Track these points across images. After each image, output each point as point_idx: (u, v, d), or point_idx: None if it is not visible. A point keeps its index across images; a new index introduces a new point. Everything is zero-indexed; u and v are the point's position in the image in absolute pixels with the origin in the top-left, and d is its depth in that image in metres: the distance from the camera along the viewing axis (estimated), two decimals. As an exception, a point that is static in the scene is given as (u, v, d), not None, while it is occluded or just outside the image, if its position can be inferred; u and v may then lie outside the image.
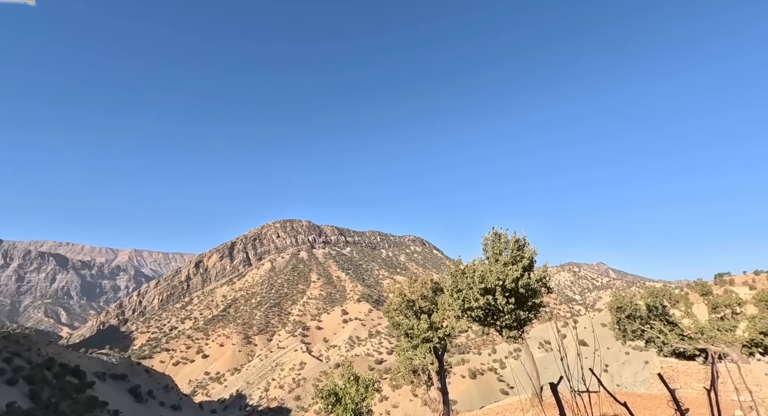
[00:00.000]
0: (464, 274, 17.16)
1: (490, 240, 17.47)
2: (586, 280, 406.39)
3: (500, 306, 16.55)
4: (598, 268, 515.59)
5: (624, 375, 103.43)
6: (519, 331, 18.66)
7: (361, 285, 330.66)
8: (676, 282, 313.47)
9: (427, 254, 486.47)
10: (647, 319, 26.96)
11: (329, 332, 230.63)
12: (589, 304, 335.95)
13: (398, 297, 23.89)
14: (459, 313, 18.92)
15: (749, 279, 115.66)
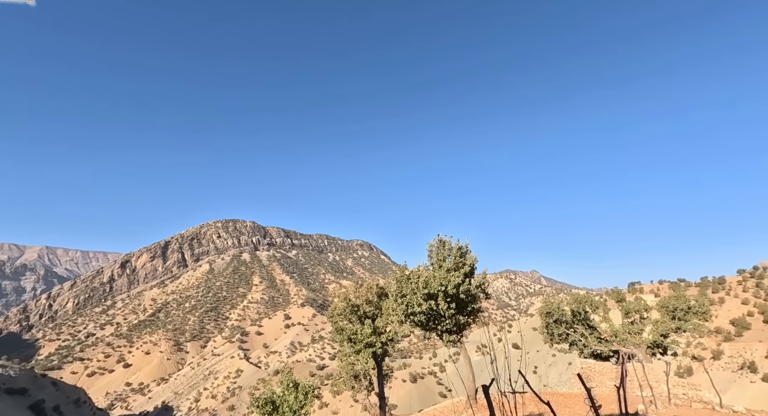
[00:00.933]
0: (409, 280, 17.49)
1: (435, 247, 18.02)
2: (521, 287, 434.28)
3: (442, 311, 17.08)
4: (532, 276, 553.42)
5: (551, 376, 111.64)
6: (458, 335, 19.39)
7: (306, 289, 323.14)
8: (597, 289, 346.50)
9: (374, 259, 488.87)
10: (572, 323, 29.43)
11: (270, 337, 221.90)
12: (522, 309, 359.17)
13: (343, 302, 23.68)
14: (402, 318, 19.22)
15: (655, 288, 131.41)
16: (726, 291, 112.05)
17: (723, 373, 73.71)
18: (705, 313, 26.42)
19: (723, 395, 61.74)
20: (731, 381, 70.19)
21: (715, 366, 77.29)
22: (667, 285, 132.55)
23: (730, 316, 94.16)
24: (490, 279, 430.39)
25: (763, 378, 67.12)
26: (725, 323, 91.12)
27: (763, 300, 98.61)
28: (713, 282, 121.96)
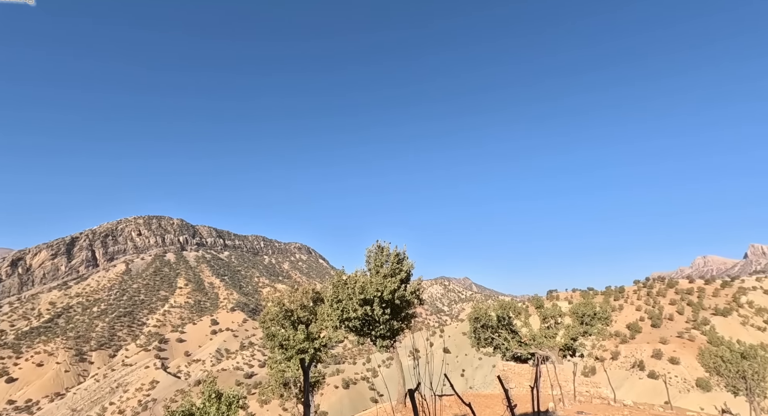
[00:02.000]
0: (346, 285, 17.42)
1: (373, 253, 18.20)
2: (453, 293, 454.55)
3: (377, 316, 17.24)
4: (464, 282, 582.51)
5: (476, 378, 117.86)
6: (392, 341, 19.69)
7: (238, 292, 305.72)
8: (521, 296, 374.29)
9: (312, 263, 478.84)
10: (497, 328, 31.46)
11: (193, 345, 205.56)
12: (454, 315, 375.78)
13: (276, 307, 22.82)
14: (337, 323, 19.04)
15: (569, 295, 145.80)
16: (624, 299, 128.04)
17: (619, 371, 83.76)
18: (607, 319, 29.89)
19: (617, 391, 70.06)
20: (625, 378, 79.97)
21: (614, 365, 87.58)
22: (579, 293, 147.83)
23: (627, 321, 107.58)
24: (426, 286, 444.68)
25: (649, 374, 77.52)
26: (623, 327, 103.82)
27: (652, 307, 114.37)
28: (615, 291, 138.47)
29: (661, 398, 65.57)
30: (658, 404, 30.37)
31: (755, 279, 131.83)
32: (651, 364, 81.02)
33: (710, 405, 59.49)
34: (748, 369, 28.17)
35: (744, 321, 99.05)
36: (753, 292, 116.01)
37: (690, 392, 70.03)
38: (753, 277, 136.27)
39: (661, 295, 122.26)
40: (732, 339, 54.60)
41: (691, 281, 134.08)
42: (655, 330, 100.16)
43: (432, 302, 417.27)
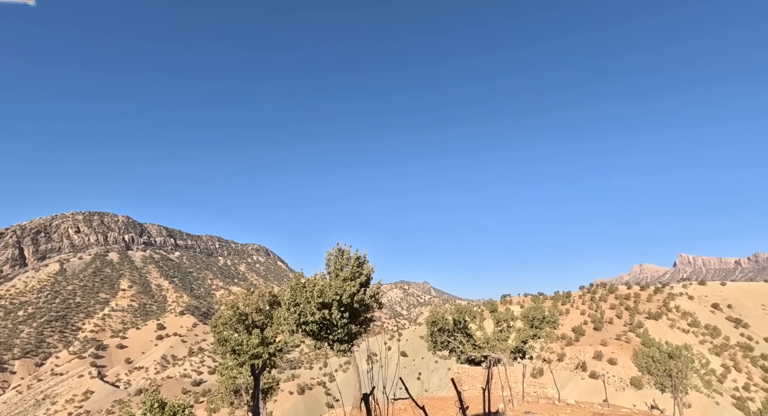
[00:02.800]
0: (304, 288, 17.10)
1: (334, 256, 18.03)
2: (413, 297, 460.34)
3: (335, 320, 17.06)
4: (424, 287, 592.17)
5: (432, 381, 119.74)
6: (349, 345, 19.55)
7: (189, 295, 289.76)
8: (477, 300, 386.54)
9: (270, 265, 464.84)
10: (453, 332, 32.26)
11: (136, 351, 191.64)
12: (413, 319, 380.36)
13: (230, 310, 21.88)
14: (294, 327, 18.61)
15: (521, 300, 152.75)
16: (571, 303, 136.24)
17: (564, 372, 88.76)
18: (555, 322, 31.66)
19: (562, 391, 74.14)
20: (569, 378, 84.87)
21: (559, 366, 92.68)
22: (530, 297, 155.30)
23: (573, 324, 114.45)
24: (385, 290, 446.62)
25: (590, 375, 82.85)
26: (569, 330, 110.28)
27: (595, 312, 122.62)
28: (563, 296, 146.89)
29: (600, 396, 70.28)
30: (597, 402, 32.50)
31: (682, 285, 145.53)
32: (592, 365, 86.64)
33: (642, 401, 64.60)
34: (674, 368, 30.98)
35: (672, 324, 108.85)
36: (680, 298, 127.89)
37: (625, 390, 75.65)
38: (680, 284, 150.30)
39: (603, 300, 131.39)
40: (661, 340, 59.86)
41: (628, 287, 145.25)
42: (597, 333, 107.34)
43: (391, 306, 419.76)
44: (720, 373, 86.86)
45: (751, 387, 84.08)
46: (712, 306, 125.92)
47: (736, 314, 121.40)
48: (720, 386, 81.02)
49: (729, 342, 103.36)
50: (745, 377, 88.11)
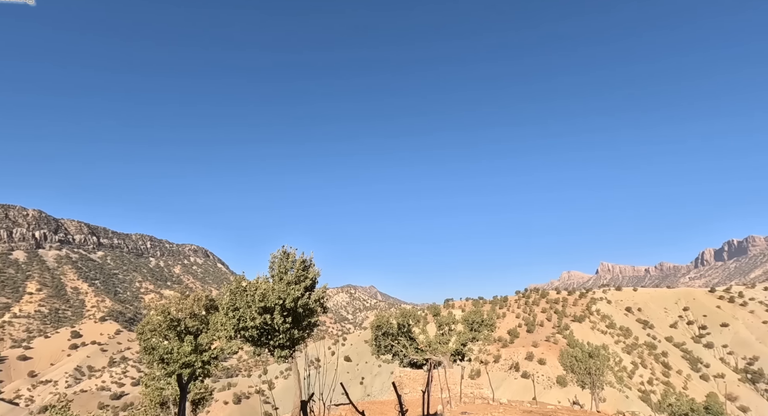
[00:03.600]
0: (245, 292, 16.33)
1: (278, 259, 17.47)
2: (359, 301, 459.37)
3: (277, 325, 16.49)
4: (370, 291, 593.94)
5: (374, 386, 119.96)
6: (291, 350, 18.99)
7: (112, 299, 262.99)
8: (422, 304, 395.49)
9: (209, 267, 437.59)
10: (396, 336, 32.68)
11: (43, 363, 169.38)
12: (358, 323, 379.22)
13: (160, 316, 20.20)
14: (232, 333, 17.67)
15: (463, 304, 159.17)
16: (507, 307, 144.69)
17: (499, 373, 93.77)
18: (492, 325, 33.40)
19: (497, 391, 78.22)
20: (503, 378, 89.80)
21: (495, 367, 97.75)
22: (471, 301, 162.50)
23: (508, 327, 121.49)
24: (331, 294, 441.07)
25: (522, 374, 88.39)
26: (505, 333, 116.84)
27: (528, 315, 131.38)
28: (500, 300, 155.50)
29: (530, 395, 75.13)
30: (527, 400, 34.67)
31: (602, 291, 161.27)
32: (524, 365, 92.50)
33: (565, 398, 70.17)
34: (593, 366, 34.17)
35: (593, 326, 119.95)
36: (600, 302, 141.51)
37: (552, 388, 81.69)
38: (601, 290, 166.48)
39: (536, 304, 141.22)
40: (584, 341, 65.66)
41: (558, 292, 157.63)
42: (529, 335, 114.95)
43: (337, 310, 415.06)
44: (630, 370, 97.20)
45: (654, 381, 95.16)
46: (625, 309, 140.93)
47: (644, 316, 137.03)
48: (629, 381, 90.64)
49: (638, 341, 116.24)
50: (649, 372, 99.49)
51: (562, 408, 24.15)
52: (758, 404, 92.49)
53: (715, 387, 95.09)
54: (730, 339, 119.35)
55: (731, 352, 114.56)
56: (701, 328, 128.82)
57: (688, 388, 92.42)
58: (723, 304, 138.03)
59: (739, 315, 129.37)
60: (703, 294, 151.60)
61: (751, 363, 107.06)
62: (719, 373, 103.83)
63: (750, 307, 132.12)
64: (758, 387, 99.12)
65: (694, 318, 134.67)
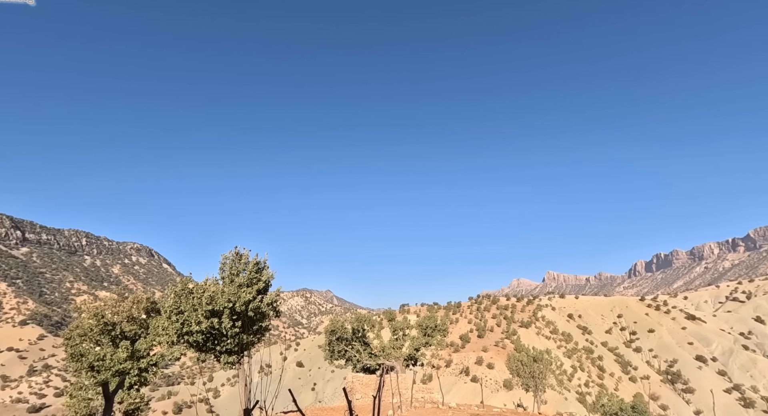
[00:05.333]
0: (191, 294, 15.41)
1: (230, 260, 16.70)
2: (314, 306, 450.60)
3: (225, 329, 15.71)
4: (326, 295, 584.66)
5: (326, 392, 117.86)
6: (239, 356, 18.15)
7: (36, 301, 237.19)
8: (378, 309, 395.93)
9: (154, 268, 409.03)
10: (351, 340, 32.40)
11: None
12: (313, 328, 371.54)
13: (92, 319, 18.53)
14: (175, 338, 16.57)
15: (418, 309, 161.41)
16: (460, 313, 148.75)
17: (450, 377, 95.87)
18: (445, 330, 34.14)
19: (447, 395, 79.90)
20: (454, 383, 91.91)
21: (447, 372, 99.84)
22: (426, 307, 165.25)
23: (460, 332, 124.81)
24: (286, 297, 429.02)
25: (472, 379, 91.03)
26: (457, 338, 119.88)
27: (479, 320, 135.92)
28: (454, 306, 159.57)
29: (478, 398, 77.51)
30: (475, 404, 35.69)
31: (548, 298, 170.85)
32: (474, 370, 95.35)
33: (511, 401, 73.15)
34: (537, 370, 35.97)
35: (538, 332, 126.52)
36: (545, 309, 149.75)
37: (499, 391, 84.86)
38: (546, 297, 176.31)
39: (487, 310, 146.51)
40: (529, 346, 68.99)
41: (507, 299, 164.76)
42: (480, 340, 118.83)
43: (291, 314, 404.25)
44: (570, 373, 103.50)
45: (590, 383, 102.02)
46: (568, 316, 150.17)
47: (584, 322, 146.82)
48: (569, 383, 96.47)
49: (578, 346, 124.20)
50: (586, 375, 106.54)
51: (507, 411, 25.16)
52: (675, 402, 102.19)
53: (642, 388, 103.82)
54: (655, 344, 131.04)
55: (656, 356, 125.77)
56: (632, 334, 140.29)
57: (619, 389, 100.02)
58: (650, 312, 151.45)
59: (663, 321, 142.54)
60: (635, 302, 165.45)
61: (671, 366, 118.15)
62: (645, 375, 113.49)
63: (672, 314, 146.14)
64: (676, 387, 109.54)
65: (626, 325, 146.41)
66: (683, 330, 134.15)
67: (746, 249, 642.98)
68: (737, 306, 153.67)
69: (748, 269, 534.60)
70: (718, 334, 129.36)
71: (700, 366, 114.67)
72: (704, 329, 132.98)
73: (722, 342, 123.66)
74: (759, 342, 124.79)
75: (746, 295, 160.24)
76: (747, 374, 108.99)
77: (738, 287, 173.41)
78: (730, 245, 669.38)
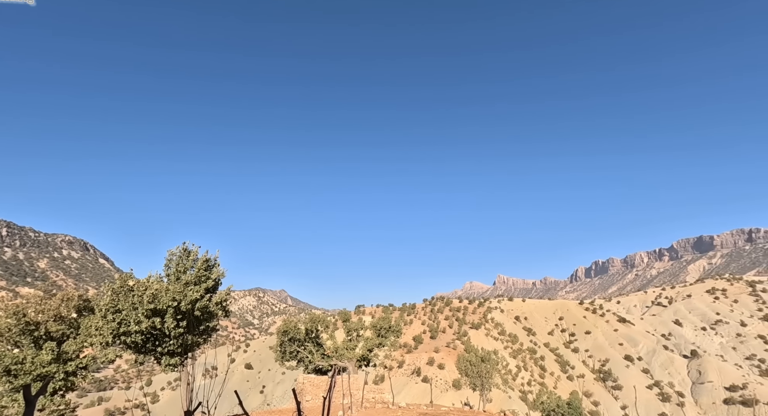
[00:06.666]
0: (131, 292, 14.36)
1: (177, 256, 15.76)
2: (267, 305, 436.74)
3: (167, 329, 14.79)
4: (280, 295, 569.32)
5: (276, 394, 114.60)
6: (182, 358, 17.17)
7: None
8: (333, 310, 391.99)
9: (88, 263, 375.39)
10: (303, 341, 31.80)
11: None
12: (265, 329, 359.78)
13: (11, 318, 16.67)
14: (110, 339, 15.33)
15: (373, 310, 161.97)
16: (415, 314, 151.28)
17: (402, 378, 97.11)
18: (399, 332, 34.54)
19: (398, 395, 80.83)
20: (405, 383, 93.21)
21: (399, 372, 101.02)
22: (382, 308, 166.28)
23: (414, 333, 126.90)
24: (237, 297, 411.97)
25: (423, 379, 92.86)
26: (410, 339, 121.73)
27: (432, 322, 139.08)
28: (409, 307, 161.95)
29: (428, 398, 79.19)
30: (424, 403, 36.44)
31: (497, 301, 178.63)
32: (425, 370, 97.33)
33: (459, 400, 75.49)
34: (484, 370, 37.46)
35: (487, 333, 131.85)
36: (495, 311, 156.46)
37: (448, 391, 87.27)
38: (496, 300, 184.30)
39: (440, 312, 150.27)
40: (478, 347, 71.73)
41: (460, 301, 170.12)
42: (432, 341, 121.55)
43: (242, 314, 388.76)
44: (514, 372, 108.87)
45: (532, 382, 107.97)
46: (515, 318, 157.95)
47: (529, 324, 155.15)
48: (513, 382, 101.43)
49: (523, 347, 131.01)
50: (529, 375, 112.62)
51: (454, 410, 25.97)
52: (606, 398, 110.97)
53: (578, 386, 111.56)
54: (591, 345, 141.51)
55: (591, 355, 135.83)
56: (571, 335, 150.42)
57: (557, 387, 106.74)
58: (588, 315, 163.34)
59: (598, 324, 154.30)
60: (575, 305, 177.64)
61: (604, 365, 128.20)
62: (581, 374, 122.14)
63: (606, 317, 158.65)
64: (607, 385, 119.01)
65: (567, 327, 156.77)
66: (615, 332, 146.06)
67: (670, 258, 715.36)
68: (660, 311, 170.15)
69: (671, 277, 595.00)
70: (644, 336, 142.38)
71: (627, 364, 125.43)
72: (633, 331, 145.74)
73: (647, 343, 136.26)
74: (677, 343, 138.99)
75: (668, 300, 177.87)
76: (666, 371, 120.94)
77: (662, 293, 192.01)
78: (657, 255, 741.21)
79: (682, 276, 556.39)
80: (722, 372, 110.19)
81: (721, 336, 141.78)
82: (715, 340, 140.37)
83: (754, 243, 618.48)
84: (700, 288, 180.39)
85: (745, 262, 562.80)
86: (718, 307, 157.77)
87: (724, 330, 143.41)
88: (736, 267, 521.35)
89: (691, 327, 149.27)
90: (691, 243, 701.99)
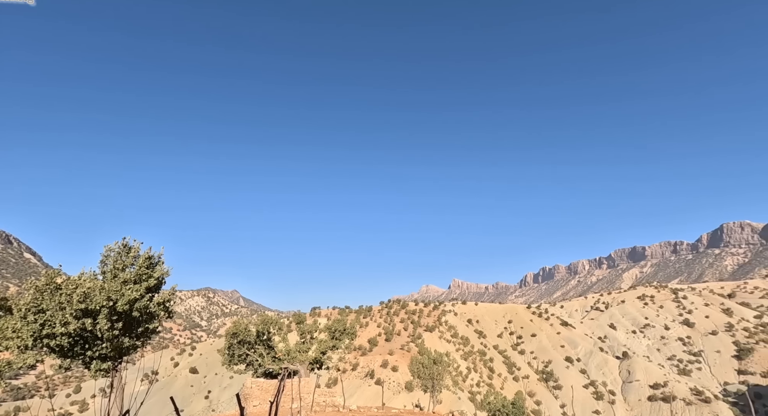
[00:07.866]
0: (59, 290, 13.04)
1: (115, 252, 14.53)
2: (217, 306, 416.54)
3: (100, 331, 13.58)
4: (232, 295, 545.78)
5: (222, 399, 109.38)
6: (116, 362, 15.83)
7: None
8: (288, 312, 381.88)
9: (10, 257, 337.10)
10: (254, 344, 30.63)
11: None
12: (213, 331, 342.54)
13: None
14: (29, 342, 13.80)
15: (329, 313, 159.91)
16: (371, 317, 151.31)
17: (356, 381, 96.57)
18: (353, 334, 34.32)
19: (351, 398, 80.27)
20: (358, 386, 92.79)
21: (353, 375, 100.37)
22: (338, 310, 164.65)
23: (369, 336, 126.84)
24: (184, 297, 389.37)
25: (376, 381, 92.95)
26: (365, 341, 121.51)
27: (388, 324, 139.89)
28: (365, 309, 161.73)
29: (380, 400, 79.34)
30: (375, 406, 36.47)
31: (452, 304, 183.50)
32: (379, 373, 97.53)
33: (410, 402, 76.38)
34: (436, 372, 38.22)
35: (441, 335, 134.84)
36: (449, 314, 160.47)
37: (400, 393, 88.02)
38: (451, 303, 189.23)
39: (396, 315, 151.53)
40: (432, 349, 73.04)
41: (416, 304, 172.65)
42: (387, 343, 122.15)
43: (189, 316, 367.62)
44: (465, 374, 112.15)
45: (481, 383, 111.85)
46: (467, 321, 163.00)
47: (480, 327, 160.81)
48: (463, 384, 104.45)
49: (473, 349, 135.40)
50: (479, 376, 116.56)
51: (404, 412, 26.20)
52: (547, 398, 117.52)
53: (523, 387, 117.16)
54: (536, 347, 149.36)
55: (535, 357, 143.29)
56: (518, 338, 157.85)
57: (504, 388, 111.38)
58: (534, 318, 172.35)
59: (543, 327, 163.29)
60: (523, 309, 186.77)
61: (547, 366, 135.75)
62: (526, 375, 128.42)
63: (550, 321, 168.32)
64: (549, 385, 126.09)
65: (515, 329, 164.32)
66: (558, 335, 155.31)
67: (608, 266, 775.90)
68: (598, 315, 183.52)
69: (608, 283, 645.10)
70: (583, 338, 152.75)
71: (567, 365, 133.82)
72: (573, 334, 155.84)
73: (585, 345, 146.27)
74: (611, 345, 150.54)
75: (605, 306, 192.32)
76: (600, 372, 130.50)
77: (600, 298, 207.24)
78: (597, 263, 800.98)
79: (618, 283, 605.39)
80: (648, 372, 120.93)
81: (648, 338, 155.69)
82: (643, 342, 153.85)
83: (678, 254, 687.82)
84: (632, 295, 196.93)
85: (671, 271, 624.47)
86: (647, 312, 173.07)
87: (650, 333, 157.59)
88: (663, 276, 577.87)
89: (623, 331, 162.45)
90: (626, 253, 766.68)
